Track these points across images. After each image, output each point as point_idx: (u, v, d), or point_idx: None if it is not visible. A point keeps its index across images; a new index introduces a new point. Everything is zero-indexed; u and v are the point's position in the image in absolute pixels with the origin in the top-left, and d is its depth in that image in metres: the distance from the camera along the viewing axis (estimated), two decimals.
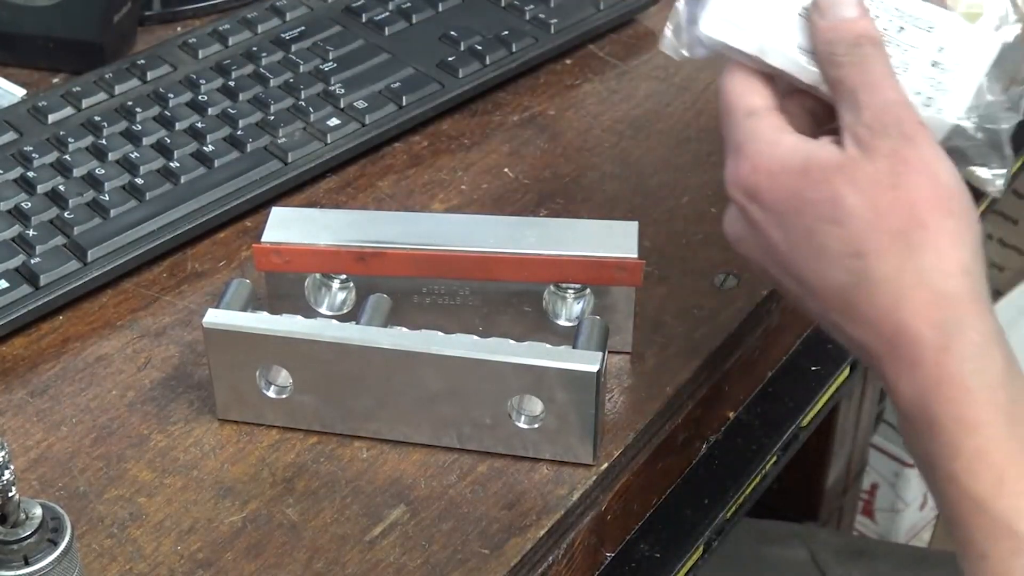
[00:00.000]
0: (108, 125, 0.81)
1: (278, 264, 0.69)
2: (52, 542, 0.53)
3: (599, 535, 0.66)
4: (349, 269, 0.69)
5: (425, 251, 0.68)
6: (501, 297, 0.69)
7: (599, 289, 0.68)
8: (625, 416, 0.68)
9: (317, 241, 0.68)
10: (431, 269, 0.68)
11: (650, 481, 0.69)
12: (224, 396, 0.67)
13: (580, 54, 0.91)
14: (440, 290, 0.69)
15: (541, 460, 0.66)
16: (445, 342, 0.64)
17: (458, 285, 0.69)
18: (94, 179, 0.78)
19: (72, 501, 0.64)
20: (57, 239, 0.74)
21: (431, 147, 0.84)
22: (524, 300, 0.69)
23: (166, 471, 0.65)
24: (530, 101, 0.88)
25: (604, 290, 0.68)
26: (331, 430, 0.67)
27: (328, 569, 0.61)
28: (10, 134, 0.81)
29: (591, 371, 0.62)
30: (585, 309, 0.69)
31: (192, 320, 0.73)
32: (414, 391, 0.65)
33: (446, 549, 0.62)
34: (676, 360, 0.71)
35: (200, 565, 0.61)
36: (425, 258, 0.68)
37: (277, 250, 0.68)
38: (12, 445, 0.66)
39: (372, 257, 0.68)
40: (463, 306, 0.69)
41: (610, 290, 0.68)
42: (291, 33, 0.89)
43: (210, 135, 0.81)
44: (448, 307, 0.70)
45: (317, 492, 0.64)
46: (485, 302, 0.69)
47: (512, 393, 0.64)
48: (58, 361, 0.71)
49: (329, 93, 0.84)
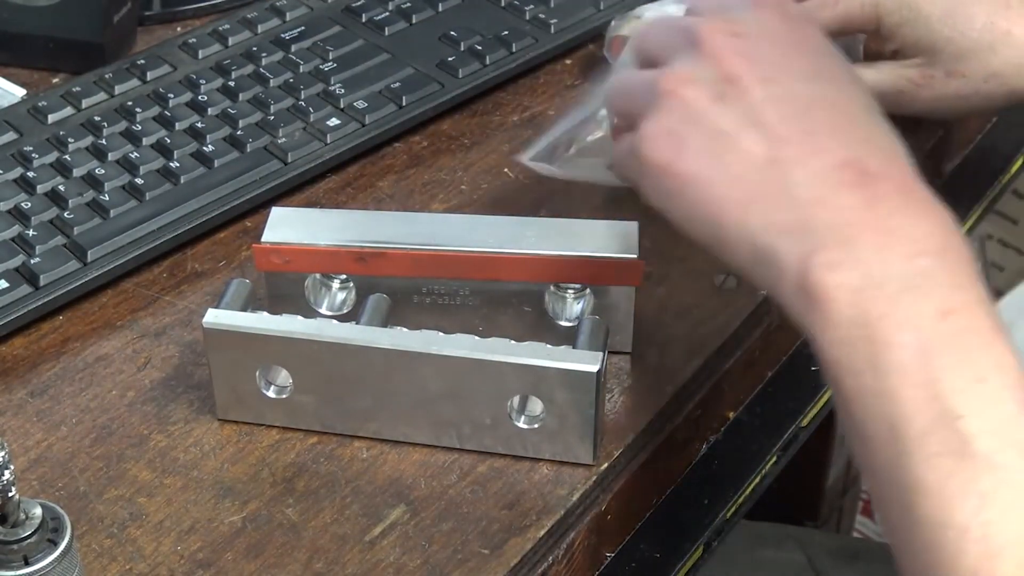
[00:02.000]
0: (108, 125, 0.81)
1: (278, 264, 0.69)
2: (52, 542, 0.53)
3: (599, 535, 0.66)
4: (349, 269, 0.69)
5: (425, 251, 0.68)
6: (501, 297, 0.69)
7: (599, 289, 0.68)
8: (625, 416, 0.68)
9: (317, 241, 0.68)
10: (431, 269, 0.68)
11: (650, 481, 0.69)
12: (224, 396, 0.67)
13: (580, 54, 0.91)
14: (440, 290, 0.69)
15: (541, 460, 0.66)
16: (445, 342, 0.64)
17: (458, 285, 0.69)
18: (94, 179, 0.78)
19: (72, 501, 0.64)
20: (57, 239, 0.74)
21: (431, 147, 0.84)
22: (524, 300, 0.69)
23: (166, 471, 0.65)
24: (530, 101, 0.88)
25: (604, 290, 0.68)
26: (331, 430, 0.67)
27: (328, 569, 0.61)
28: (10, 134, 0.81)
29: (591, 371, 0.62)
30: (585, 309, 0.69)
31: (192, 320, 0.73)
32: (414, 391, 0.65)
33: (446, 549, 0.62)
34: (676, 360, 0.71)
35: (200, 565, 0.61)
36: (425, 258, 0.68)
37: (277, 250, 0.68)
38: (12, 445, 0.66)
39: (372, 257, 0.68)
40: (463, 306, 0.70)
41: (610, 290, 0.68)
42: (291, 33, 0.89)
43: (210, 135, 0.81)
44: (448, 307, 0.70)
45: (317, 492, 0.64)
46: (485, 302, 0.69)
47: (512, 393, 0.64)
48: (58, 361, 0.71)
49: (329, 93, 0.84)
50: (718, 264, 0.72)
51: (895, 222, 0.53)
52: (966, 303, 0.52)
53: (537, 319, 0.69)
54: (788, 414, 0.76)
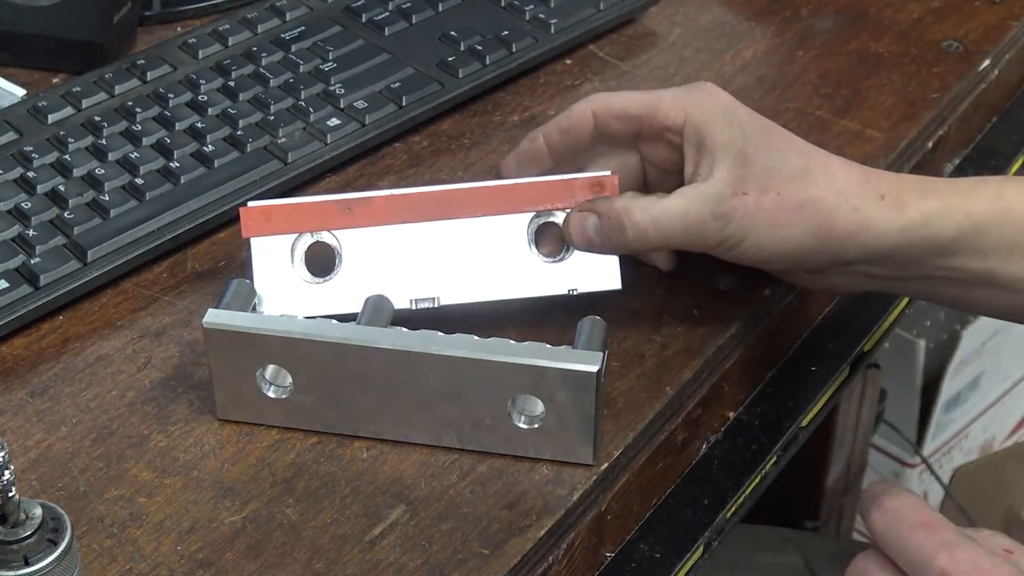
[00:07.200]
0: (108, 125, 0.81)
1: (265, 228, 0.69)
2: (52, 542, 0.53)
3: (599, 535, 0.66)
4: (337, 223, 0.69)
5: (409, 193, 0.70)
6: (487, 235, 0.70)
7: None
8: (625, 416, 0.68)
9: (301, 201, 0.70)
10: (417, 212, 0.69)
11: (650, 481, 0.69)
12: (224, 396, 0.67)
13: (580, 54, 0.91)
14: (426, 237, 0.70)
15: (541, 460, 0.66)
16: (445, 342, 0.64)
17: (443, 227, 0.70)
18: (94, 179, 0.78)
19: (72, 501, 0.64)
20: (57, 239, 0.74)
21: (431, 147, 0.84)
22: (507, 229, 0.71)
23: (166, 471, 0.65)
24: (530, 101, 0.88)
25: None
26: (331, 430, 0.67)
27: (328, 569, 0.61)
28: (10, 134, 0.81)
29: (591, 371, 0.62)
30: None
31: (192, 320, 0.73)
32: (414, 391, 0.65)
33: (446, 549, 0.62)
34: (676, 360, 0.71)
35: (200, 565, 0.61)
36: (410, 200, 0.69)
37: (265, 211, 0.69)
38: (12, 445, 0.66)
39: (358, 205, 0.69)
40: (450, 251, 0.70)
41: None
42: (291, 33, 0.89)
43: (210, 135, 0.81)
44: (435, 255, 0.70)
45: (317, 492, 0.64)
46: (472, 243, 0.70)
47: (512, 393, 0.64)
48: (58, 361, 0.71)
49: (329, 93, 0.84)
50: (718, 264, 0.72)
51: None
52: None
53: (525, 254, 0.71)
54: (788, 414, 0.76)
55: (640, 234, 0.69)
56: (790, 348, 0.78)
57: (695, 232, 0.68)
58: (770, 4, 0.96)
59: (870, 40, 0.93)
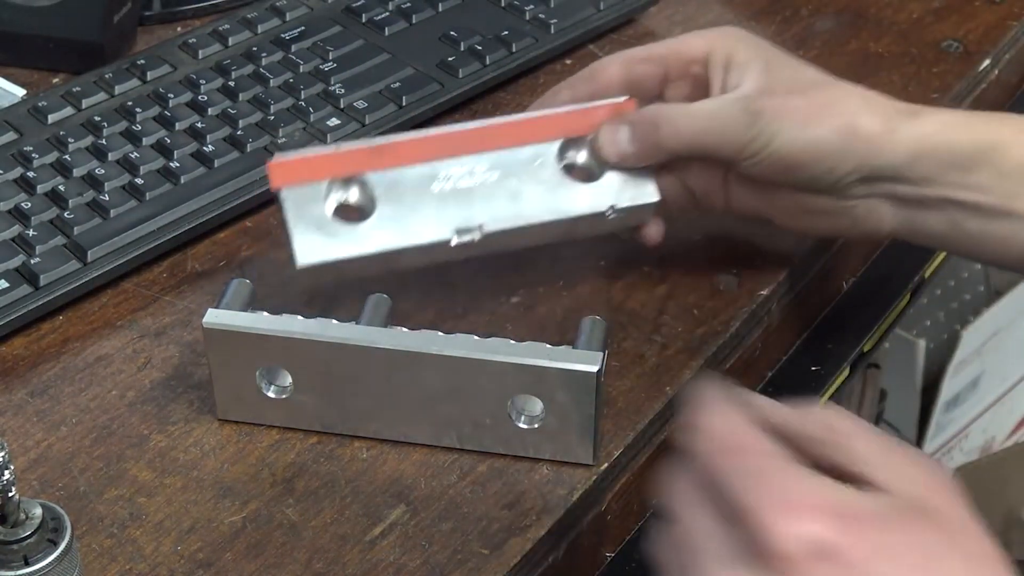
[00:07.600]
0: (108, 125, 0.81)
1: (293, 179, 0.68)
2: (52, 542, 0.53)
3: (599, 535, 0.66)
4: (366, 165, 0.69)
5: (435, 133, 0.70)
6: (518, 165, 0.70)
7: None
8: (625, 416, 0.68)
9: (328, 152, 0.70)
10: (444, 149, 0.70)
11: (650, 481, 0.69)
12: (224, 396, 0.67)
13: (580, 54, 0.91)
14: (457, 173, 0.70)
15: (541, 460, 0.66)
16: (445, 342, 0.64)
17: (473, 161, 0.70)
18: (94, 179, 0.78)
19: (72, 501, 0.64)
20: (57, 239, 0.74)
21: None
22: (537, 158, 0.71)
23: (166, 471, 0.65)
24: (530, 101, 0.87)
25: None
26: (331, 430, 0.67)
27: (328, 569, 0.61)
28: (10, 134, 0.81)
29: (591, 371, 0.62)
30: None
31: (192, 320, 0.73)
32: (414, 391, 0.65)
33: (446, 549, 0.62)
34: (676, 360, 0.71)
35: (200, 565, 0.61)
36: (437, 139, 0.70)
37: (292, 164, 0.68)
38: (12, 445, 0.66)
39: (387, 148, 0.69)
40: (484, 184, 0.70)
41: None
42: (291, 33, 0.89)
43: (210, 135, 0.81)
44: (469, 190, 0.69)
45: (317, 492, 0.64)
46: (504, 174, 0.70)
47: (512, 393, 0.64)
48: (58, 361, 0.71)
49: (329, 93, 0.84)
50: (718, 264, 0.72)
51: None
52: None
53: (558, 176, 0.71)
54: None
55: (673, 131, 0.69)
56: (790, 348, 0.78)
57: (727, 128, 0.68)
58: (770, 4, 0.96)
59: (870, 40, 0.93)
